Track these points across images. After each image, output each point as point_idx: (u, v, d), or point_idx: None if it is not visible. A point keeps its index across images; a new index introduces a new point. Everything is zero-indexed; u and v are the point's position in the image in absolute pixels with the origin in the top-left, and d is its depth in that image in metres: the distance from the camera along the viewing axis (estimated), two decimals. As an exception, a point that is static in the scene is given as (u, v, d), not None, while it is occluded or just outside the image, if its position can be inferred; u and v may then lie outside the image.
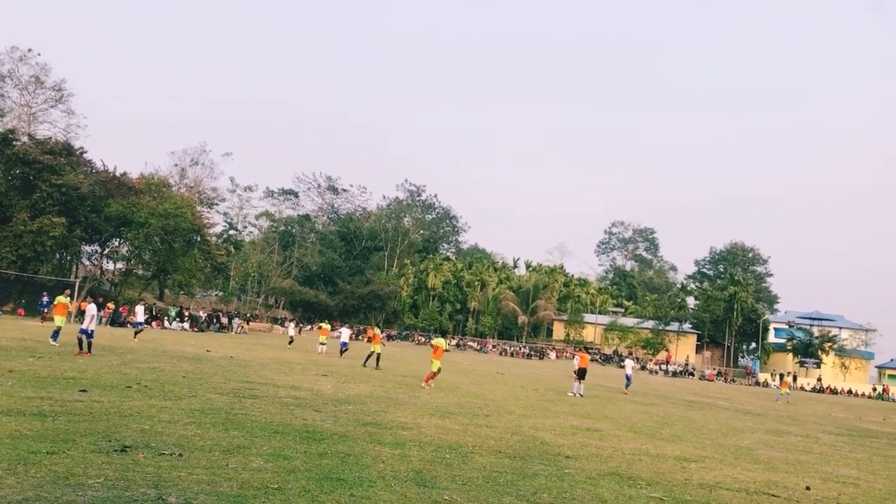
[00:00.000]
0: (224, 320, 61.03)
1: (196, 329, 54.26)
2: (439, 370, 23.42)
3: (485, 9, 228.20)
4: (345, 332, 38.34)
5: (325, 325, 42.05)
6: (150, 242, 56.85)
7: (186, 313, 58.76)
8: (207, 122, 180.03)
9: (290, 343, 45.24)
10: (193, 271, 61.38)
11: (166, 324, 53.66)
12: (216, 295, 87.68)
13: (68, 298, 26.09)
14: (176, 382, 16.02)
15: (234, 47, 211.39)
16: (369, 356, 30.02)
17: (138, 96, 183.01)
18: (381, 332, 34.35)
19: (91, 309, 21.68)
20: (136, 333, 30.28)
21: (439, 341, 25.18)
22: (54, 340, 23.60)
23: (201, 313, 61.39)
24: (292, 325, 55.77)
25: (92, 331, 21.15)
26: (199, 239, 61.73)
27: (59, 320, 24.96)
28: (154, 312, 55.73)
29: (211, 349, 30.30)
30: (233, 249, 79.74)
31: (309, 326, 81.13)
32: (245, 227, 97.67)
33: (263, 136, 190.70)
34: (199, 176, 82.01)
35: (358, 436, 11.06)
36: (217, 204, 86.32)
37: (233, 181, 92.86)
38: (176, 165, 79.83)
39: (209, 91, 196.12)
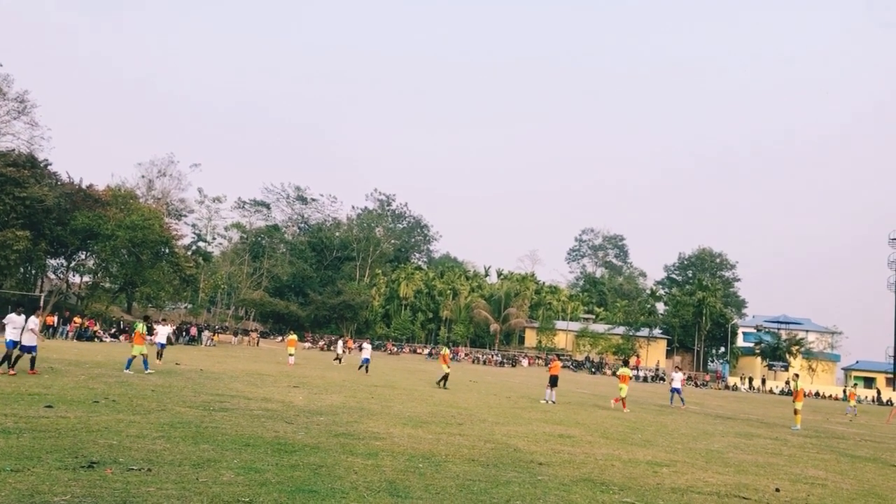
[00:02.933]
0: (194, 332, 60.32)
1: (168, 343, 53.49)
2: (447, 376, 29.11)
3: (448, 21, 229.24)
4: (367, 347, 38.01)
5: (293, 337, 41.90)
6: (117, 255, 56.17)
7: (155, 327, 57.94)
8: (175, 133, 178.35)
9: (337, 361, 44.02)
10: (162, 283, 60.75)
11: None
12: (185, 307, 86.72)
13: (143, 326, 24.45)
14: (145, 396, 15.79)
15: (200, 56, 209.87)
16: (444, 377, 29.41)
17: (103, 107, 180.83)
18: (448, 350, 34.44)
19: (31, 322, 19.46)
20: (158, 355, 28.22)
21: (445, 350, 31.83)
22: (127, 368, 22.75)
23: (170, 326, 60.58)
24: (341, 342, 51.36)
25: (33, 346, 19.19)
26: (167, 251, 61.11)
27: (137, 349, 23.22)
28: (122, 327, 54.95)
29: (180, 362, 29.96)
30: (202, 261, 78.96)
31: (280, 338, 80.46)
32: (214, 238, 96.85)
33: (231, 147, 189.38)
34: (167, 187, 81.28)
35: (330, 447, 10.98)
36: (185, 215, 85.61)
37: (201, 192, 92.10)
38: (143, 177, 79.07)
39: (176, 101, 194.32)
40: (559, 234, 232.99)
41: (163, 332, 30.59)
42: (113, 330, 53.81)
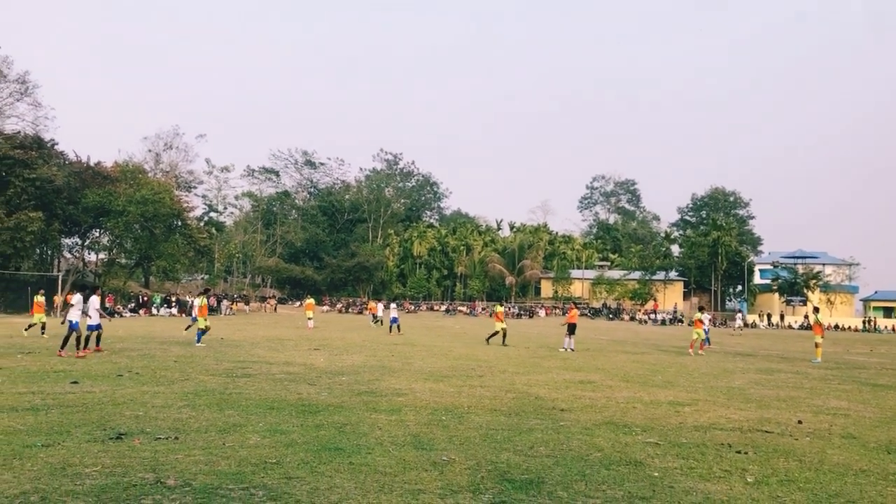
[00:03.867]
0: (213, 302, 60.83)
1: (185, 314, 54.08)
2: (504, 330, 28.45)
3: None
4: (393, 307, 38.29)
5: (311, 301, 42.17)
6: (130, 230, 56.45)
7: (174, 299, 58.54)
8: (179, 105, 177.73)
9: (379, 323, 44.24)
10: (177, 256, 61.14)
11: (153, 311, 53.46)
12: (202, 278, 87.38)
13: (203, 299, 25.10)
14: (168, 367, 15.98)
15: (197, 26, 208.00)
16: (494, 334, 28.85)
17: (106, 83, 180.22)
18: (503, 307, 33.72)
19: (94, 302, 19.97)
20: (187, 327, 29.02)
21: (499, 308, 31.52)
22: (196, 339, 23.41)
23: (188, 298, 61.13)
24: (381, 305, 48.65)
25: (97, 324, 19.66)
26: (179, 223, 61.37)
27: (202, 322, 23.90)
28: (141, 300, 55.49)
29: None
30: (215, 231, 79.31)
31: (298, 303, 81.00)
32: (225, 208, 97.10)
33: (235, 116, 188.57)
34: (175, 160, 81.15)
35: (353, 405, 11.09)
36: (195, 187, 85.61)
37: (209, 163, 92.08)
38: (150, 151, 78.95)
39: (179, 73, 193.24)
40: (570, 183, 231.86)
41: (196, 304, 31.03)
42: (132, 305, 54.38)
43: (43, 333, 25.98)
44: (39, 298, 28.72)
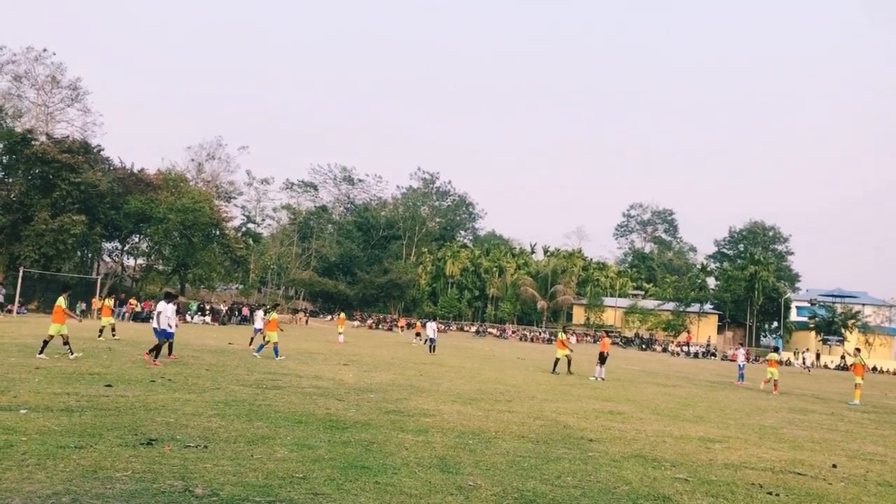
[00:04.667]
0: (245, 312, 61.41)
1: (218, 322, 54.67)
2: (568, 357, 27.80)
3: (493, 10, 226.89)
4: (430, 327, 36.57)
5: (342, 315, 42.32)
6: (169, 237, 57.30)
7: (207, 307, 59.19)
8: (222, 116, 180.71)
9: (424, 342, 42.62)
10: (213, 265, 61.86)
11: (187, 318, 54.08)
12: (236, 288, 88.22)
13: (273, 314, 25.27)
14: (199, 375, 16.15)
15: (244, 42, 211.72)
16: (557, 361, 27.92)
17: (153, 92, 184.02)
18: (567, 335, 31.01)
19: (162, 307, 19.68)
20: (252, 340, 29.47)
21: (561, 335, 29.05)
22: (275, 355, 23.32)
23: (222, 306, 61.81)
24: (432, 324, 41.92)
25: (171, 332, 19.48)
26: (217, 233, 62.12)
27: (270, 335, 23.81)
28: (176, 307, 56.12)
29: (233, 342, 30.51)
30: (251, 242, 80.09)
31: (329, 317, 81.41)
32: (263, 219, 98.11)
33: (276, 129, 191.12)
34: (216, 170, 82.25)
35: (381, 424, 11.10)
36: (234, 197, 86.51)
37: (249, 174, 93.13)
38: (192, 160, 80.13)
39: (221, 84, 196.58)
40: (607, 210, 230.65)
41: (259, 316, 31.74)
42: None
43: (114, 334, 27.19)
44: (109, 302, 29.72)
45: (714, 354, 77.18)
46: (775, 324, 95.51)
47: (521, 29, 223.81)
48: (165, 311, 18.80)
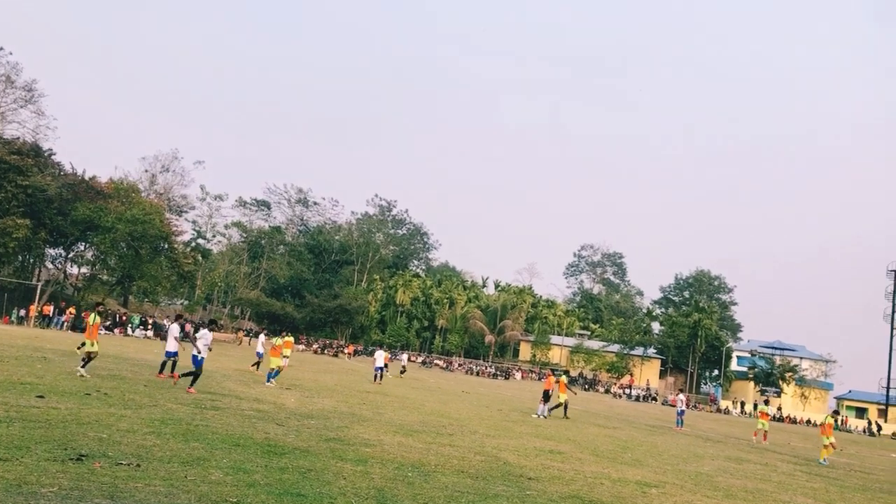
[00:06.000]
0: (189, 329, 60.18)
1: (160, 337, 53.42)
2: (567, 402, 27.98)
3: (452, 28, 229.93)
4: (380, 355, 36.41)
5: (289, 338, 41.72)
6: (116, 248, 56.15)
7: (150, 321, 57.94)
8: (181, 130, 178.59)
9: (399, 371, 46.55)
10: (159, 279, 60.74)
11: (129, 331, 52.84)
12: (181, 303, 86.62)
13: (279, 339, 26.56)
14: (137, 391, 15.77)
15: (208, 53, 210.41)
16: (557, 405, 27.73)
17: (109, 100, 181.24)
18: (567, 377, 31.21)
19: (174, 329, 20.54)
20: (254, 364, 30.05)
21: (563, 377, 29.46)
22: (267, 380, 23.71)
23: (165, 321, 60.48)
24: (405, 355, 55.53)
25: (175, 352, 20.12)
26: (166, 246, 61.08)
27: (274, 362, 24.53)
28: (117, 320, 54.88)
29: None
30: (200, 258, 78.95)
31: (275, 339, 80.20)
32: (214, 236, 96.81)
33: (235, 146, 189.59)
34: (170, 183, 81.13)
35: (320, 451, 10.97)
36: (186, 212, 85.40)
37: (203, 189, 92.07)
38: (146, 171, 78.92)
39: (183, 98, 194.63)
40: (558, 249, 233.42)
41: (261, 340, 31.71)
42: (108, 322, 53.74)
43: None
44: (98, 320, 28.59)
45: (655, 398, 78.07)
46: (716, 372, 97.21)
47: (490, 59, 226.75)
48: (204, 339, 18.72)
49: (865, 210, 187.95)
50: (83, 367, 17.87)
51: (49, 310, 48.55)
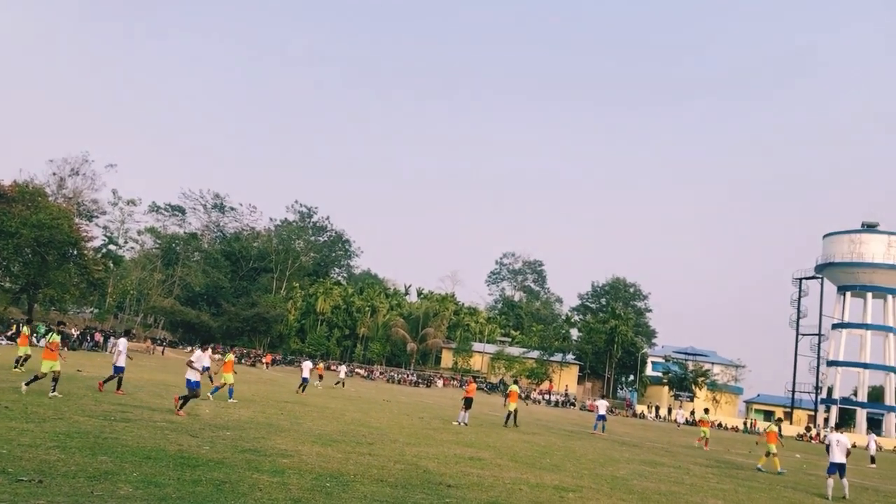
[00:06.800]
0: (98, 338, 58.06)
1: (67, 347, 51.33)
2: (516, 411, 28.50)
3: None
4: (306, 366, 36.25)
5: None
6: (20, 254, 53.74)
7: (56, 329, 55.58)
8: (90, 132, 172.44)
9: (339, 384, 47.32)
10: (67, 286, 58.45)
11: (34, 340, 50.52)
12: (91, 312, 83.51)
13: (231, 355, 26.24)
14: (41, 404, 15.09)
15: (127, 53, 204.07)
16: (509, 416, 28.59)
17: (11, 100, 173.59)
18: (517, 386, 32.77)
19: (121, 344, 21.30)
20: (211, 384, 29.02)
21: (514, 387, 30.51)
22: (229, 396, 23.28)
23: (73, 330, 58.19)
24: (344, 367, 56.61)
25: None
26: (75, 252, 58.82)
27: (226, 377, 24.07)
28: (19, 329, 52.44)
29: (82, 369, 28.70)
30: (111, 265, 76.25)
31: (190, 348, 78.15)
32: (126, 242, 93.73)
33: (150, 149, 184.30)
34: (79, 187, 78.08)
35: (235, 463, 10.71)
36: (97, 217, 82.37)
37: (115, 194, 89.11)
38: (54, 174, 75.79)
39: (92, 99, 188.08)
40: (481, 257, 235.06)
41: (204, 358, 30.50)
42: (10, 332, 51.28)
43: (20, 366, 24.37)
44: (26, 330, 27.19)
45: (573, 404, 79.45)
46: (632, 377, 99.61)
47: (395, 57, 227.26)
48: (198, 362, 17.92)
49: (773, 220, 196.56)
50: (27, 384, 17.21)
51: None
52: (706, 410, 36.09)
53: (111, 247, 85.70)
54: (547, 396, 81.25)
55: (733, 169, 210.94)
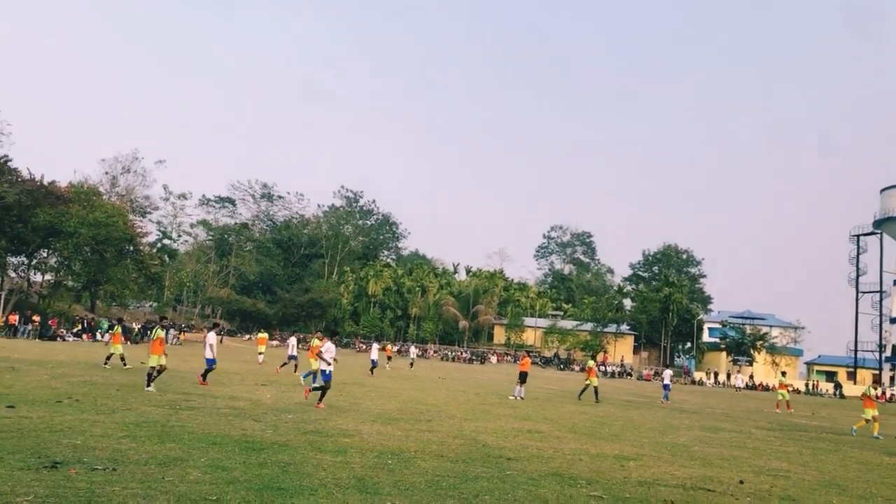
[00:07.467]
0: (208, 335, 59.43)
1: (129, 341, 52.81)
2: (596, 386, 28.59)
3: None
4: (374, 349, 36.70)
5: (263, 335, 41.51)
6: (79, 253, 55.28)
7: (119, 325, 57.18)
8: (140, 130, 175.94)
9: (411, 365, 48.19)
10: (126, 282, 60.02)
11: (98, 336, 52.13)
12: (150, 306, 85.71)
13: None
14: (109, 396, 15.59)
15: (166, 51, 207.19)
16: (584, 389, 28.99)
17: (68, 101, 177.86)
18: (595, 362, 34.16)
19: (210, 337, 21.39)
20: (289, 366, 29.83)
21: (591, 363, 31.10)
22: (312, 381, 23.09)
23: (135, 325, 59.80)
24: (414, 348, 56.82)
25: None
26: (131, 248, 60.32)
27: (315, 364, 23.46)
28: (85, 325, 54.12)
29: (145, 361, 29.47)
30: (167, 259, 78.12)
31: (247, 336, 79.78)
32: (179, 235, 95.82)
33: (197, 143, 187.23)
34: (131, 184, 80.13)
35: (298, 444, 10.93)
36: (150, 213, 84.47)
37: (166, 189, 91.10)
38: (107, 173, 77.86)
39: (140, 95, 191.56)
40: (528, 231, 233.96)
41: (292, 343, 31.26)
42: (76, 329, 52.98)
43: (106, 364, 24.72)
44: (118, 328, 27.37)
45: (630, 374, 78.92)
46: (689, 344, 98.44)
47: (446, 47, 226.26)
48: (328, 353, 17.80)
49: (827, 176, 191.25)
50: (149, 384, 17.71)
51: (15, 319, 47.71)
52: (783, 374, 36.80)
53: (165, 241, 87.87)
54: (602, 367, 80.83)
55: (785, 124, 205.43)
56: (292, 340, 31.88)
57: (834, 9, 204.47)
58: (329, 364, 17.47)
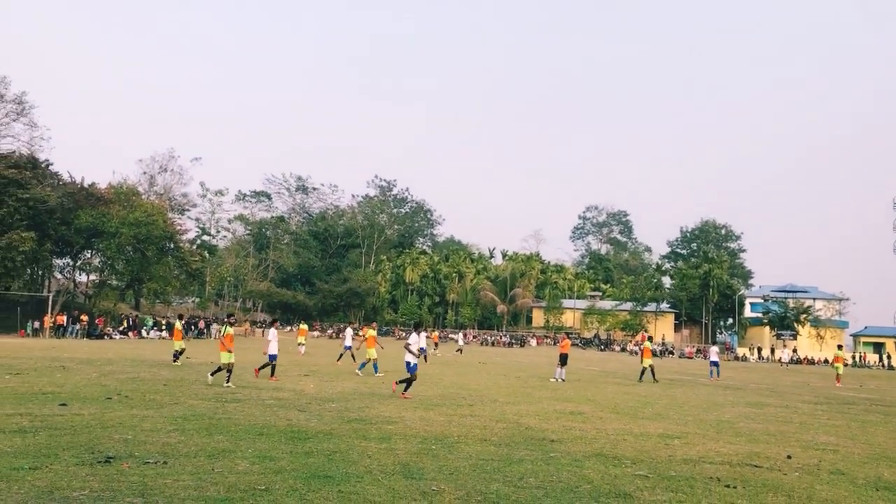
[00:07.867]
0: (202, 326, 60.56)
1: (191, 336, 53.83)
2: (652, 366, 28.72)
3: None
4: (420, 339, 36.64)
5: (304, 326, 41.98)
6: (122, 252, 56.38)
7: (164, 321, 58.29)
8: (174, 128, 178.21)
9: (459, 352, 49.15)
10: (168, 279, 61.12)
11: (143, 333, 53.18)
12: (193, 301, 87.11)
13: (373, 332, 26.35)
14: (157, 391, 15.91)
15: (193, 49, 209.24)
16: (644, 371, 28.91)
17: (103, 103, 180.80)
18: (651, 343, 33.24)
19: (271, 333, 21.94)
20: (340, 357, 30.44)
21: (647, 344, 30.61)
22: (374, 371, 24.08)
23: (176, 321, 60.81)
24: (461, 335, 58.26)
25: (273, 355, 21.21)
26: (172, 246, 61.33)
27: (370, 352, 24.63)
28: (131, 324, 55.20)
29: (191, 356, 30.04)
30: (207, 255, 79.26)
31: (288, 328, 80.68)
32: (218, 231, 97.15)
33: (230, 139, 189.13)
34: (169, 183, 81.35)
35: (343, 433, 11.06)
36: (188, 210, 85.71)
37: (203, 186, 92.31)
38: (144, 173, 79.16)
39: (173, 95, 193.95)
40: (563, 213, 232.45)
41: (348, 334, 31.40)
42: (122, 327, 54.14)
43: (176, 360, 25.29)
44: (179, 324, 27.85)
45: (671, 352, 78.30)
46: (730, 320, 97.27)
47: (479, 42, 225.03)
48: (415, 343, 18.12)
49: (868, 143, 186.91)
50: (212, 374, 18.48)
51: (63, 319, 48.94)
52: (840, 347, 37.24)
53: (205, 237, 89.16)
54: (639, 347, 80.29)
55: (824, 91, 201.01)
56: (348, 331, 32.27)
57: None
58: (416, 356, 17.64)
